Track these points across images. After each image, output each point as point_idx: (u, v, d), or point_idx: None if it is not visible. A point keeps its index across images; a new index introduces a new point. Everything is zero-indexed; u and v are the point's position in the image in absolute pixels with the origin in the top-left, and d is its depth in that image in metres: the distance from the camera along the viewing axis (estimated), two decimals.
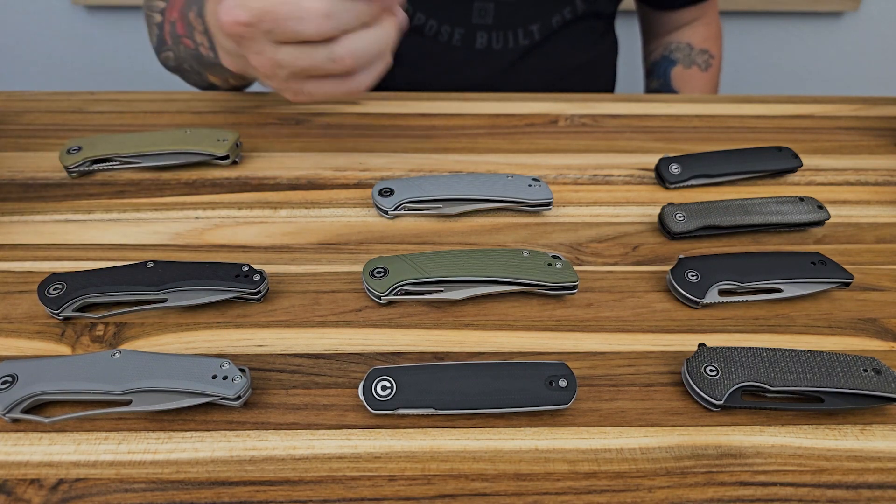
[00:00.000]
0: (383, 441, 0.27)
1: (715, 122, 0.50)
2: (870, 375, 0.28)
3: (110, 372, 0.27)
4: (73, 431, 0.27)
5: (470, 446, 0.27)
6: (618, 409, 0.29)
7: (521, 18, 0.56)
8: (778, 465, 0.27)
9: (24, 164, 0.43)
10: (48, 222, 0.38)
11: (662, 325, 0.33)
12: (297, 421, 0.28)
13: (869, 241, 0.39)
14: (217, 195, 0.41)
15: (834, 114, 0.52)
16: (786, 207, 0.38)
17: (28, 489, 0.25)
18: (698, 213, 0.38)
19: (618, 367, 0.31)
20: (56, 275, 0.32)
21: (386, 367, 0.28)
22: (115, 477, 0.25)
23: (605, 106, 0.52)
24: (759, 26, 1.07)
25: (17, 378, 0.27)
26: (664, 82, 0.64)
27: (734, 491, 0.26)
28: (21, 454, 0.26)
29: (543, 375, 0.28)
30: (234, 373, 0.27)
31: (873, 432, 0.28)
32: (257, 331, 0.32)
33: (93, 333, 0.31)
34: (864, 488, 0.26)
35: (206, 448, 0.27)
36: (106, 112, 0.49)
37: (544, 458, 0.27)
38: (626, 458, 0.27)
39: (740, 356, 0.29)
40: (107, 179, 0.42)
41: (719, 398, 0.28)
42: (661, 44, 0.65)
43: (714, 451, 0.27)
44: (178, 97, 0.51)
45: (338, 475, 0.26)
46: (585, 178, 0.44)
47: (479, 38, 0.56)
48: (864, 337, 0.33)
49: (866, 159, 0.46)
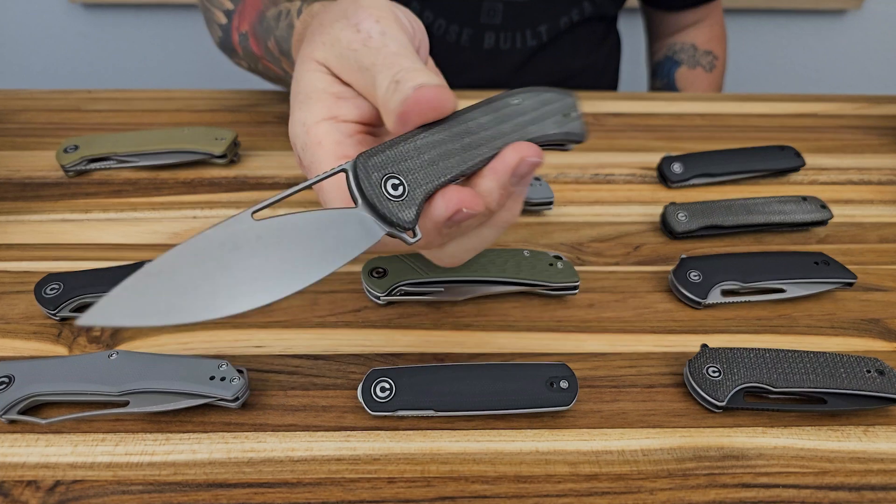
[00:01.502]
0: (382, 443, 0.27)
1: (717, 120, 0.50)
2: (873, 376, 0.28)
3: (107, 373, 0.27)
4: (70, 433, 0.27)
5: (470, 448, 0.27)
6: (619, 410, 0.28)
7: (529, 19, 0.56)
8: (780, 467, 0.26)
9: (21, 163, 0.42)
10: (45, 222, 0.38)
11: (664, 326, 0.33)
12: (295, 422, 0.27)
13: (872, 240, 0.39)
14: (215, 194, 0.40)
15: (837, 112, 0.52)
16: (788, 207, 0.38)
17: (25, 491, 0.25)
18: (701, 213, 0.38)
19: (619, 368, 0.30)
20: (53, 275, 0.32)
21: (385, 369, 0.28)
22: (112, 479, 0.25)
23: (607, 104, 0.51)
24: (761, 24, 1.07)
25: (14, 379, 0.27)
26: (668, 83, 0.64)
27: (736, 493, 0.25)
28: (18, 456, 0.26)
29: (544, 376, 0.28)
30: (231, 374, 0.27)
31: (876, 433, 0.28)
32: (255, 331, 0.31)
33: (90, 334, 0.31)
34: (867, 490, 0.26)
35: (203, 450, 0.26)
36: (103, 111, 0.48)
37: (545, 459, 0.26)
38: (627, 459, 0.27)
39: (743, 357, 0.29)
40: (104, 179, 0.41)
41: (722, 399, 0.28)
42: (665, 44, 0.65)
43: (716, 452, 0.27)
44: (176, 95, 0.51)
45: (336, 477, 0.26)
46: (587, 177, 0.43)
47: (487, 39, 0.56)
48: (867, 337, 0.33)
49: (869, 158, 0.46)
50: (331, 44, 0.24)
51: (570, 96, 0.25)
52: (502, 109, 0.23)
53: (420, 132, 0.21)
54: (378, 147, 0.21)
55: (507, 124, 0.23)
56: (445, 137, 0.22)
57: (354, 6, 0.24)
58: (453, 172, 0.21)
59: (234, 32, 0.43)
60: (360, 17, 0.24)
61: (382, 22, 0.23)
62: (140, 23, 1.03)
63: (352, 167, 0.20)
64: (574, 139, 0.25)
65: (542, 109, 0.24)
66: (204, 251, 0.19)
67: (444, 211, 0.21)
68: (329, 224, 0.20)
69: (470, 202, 0.21)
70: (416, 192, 0.21)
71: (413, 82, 0.21)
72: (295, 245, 0.19)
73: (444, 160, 0.21)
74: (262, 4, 0.40)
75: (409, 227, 0.20)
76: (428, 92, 0.21)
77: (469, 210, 0.21)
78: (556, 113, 0.24)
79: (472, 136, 0.22)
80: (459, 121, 0.22)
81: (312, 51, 0.24)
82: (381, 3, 0.25)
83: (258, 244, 0.19)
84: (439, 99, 0.21)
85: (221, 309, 0.18)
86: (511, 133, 0.23)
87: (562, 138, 0.24)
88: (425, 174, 0.21)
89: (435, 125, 0.22)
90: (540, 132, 0.24)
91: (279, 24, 0.37)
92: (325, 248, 0.20)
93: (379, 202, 0.20)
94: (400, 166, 0.21)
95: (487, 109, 0.23)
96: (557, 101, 0.25)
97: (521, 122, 0.24)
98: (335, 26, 0.24)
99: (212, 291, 0.18)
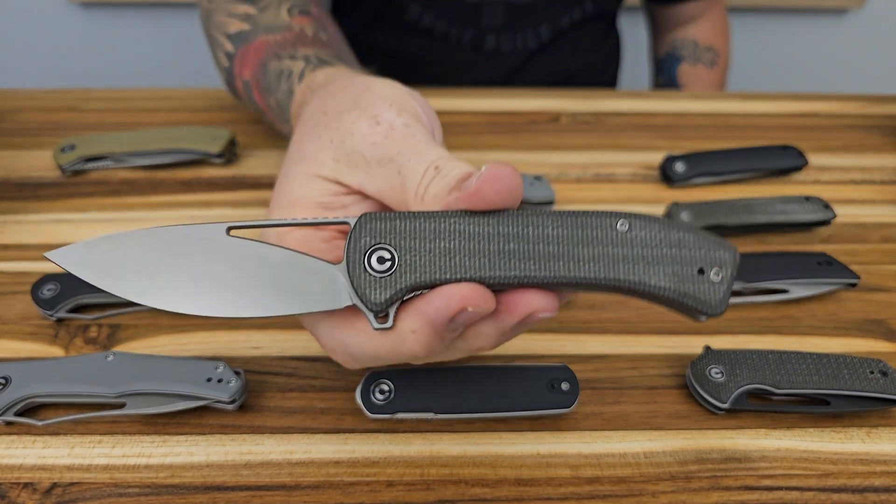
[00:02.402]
0: (381, 445, 0.27)
1: (719, 119, 0.50)
2: (876, 377, 0.28)
3: (104, 374, 0.27)
4: (66, 434, 0.27)
5: (470, 451, 0.27)
6: (621, 412, 0.28)
7: (530, 20, 0.56)
8: (783, 469, 0.26)
9: (18, 163, 0.42)
10: (42, 222, 0.38)
11: (667, 327, 0.32)
12: (293, 425, 0.27)
13: (875, 240, 0.39)
14: (212, 194, 0.40)
15: (839, 112, 0.51)
16: (791, 207, 0.38)
17: (21, 493, 0.25)
18: (703, 213, 0.37)
19: (621, 369, 0.30)
20: (50, 275, 0.32)
21: (384, 370, 0.28)
22: (109, 481, 0.25)
23: (608, 103, 0.51)
24: (763, 23, 1.06)
25: (10, 380, 0.27)
26: (670, 79, 0.63)
27: (739, 495, 0.25)
28: (14, 457, 0.26)
29: (545, 378, 0.27)
30: (228, 375, 0.27)
31: (879, 435, 0.28)
32: (253, 332, 0.31)
33: (86, 335, 0.31)
34: (870, 492, 0.25)
35: (201, 452, 0.26)
36: (100, 110, 0.48)
37: (546, 462, 0.26)
38: (629, 462, 0.26)
39: (745, 359, 0.28)
40: (101, 178, 0.41)
41: (724, 401, 0.27)
42: (667, 40, 0.65)
43: (718, 454, 0.27)
44: (173, 95, 0.50)
45: (335, 480, 0.25)
46: (588, 177, 0.43)
47: (489, 40, 0.56)
48: (870, 338, 0.32)
49: (872, 158, 0.46)
50: (340, 140, 0.22)
51: (728, 249, 0.18)
52: (591, 229, 0.18)
53: (451, 216, 0.18)
54: (392, 213, 0.18)
55: (590, 249, 0.17)
56: (484, 232, 0.18)
57: (368, 95, 0.23)
58: (468, 274, 0.17)
59: (236, 78, 0.39)
60: (378, 108, 0.22)
61: (404, 115, 0.22)
62: (138, 22, 1.03)
63: (354, 221, 0.18)
64: (702, 309, 0.17)
65: (664, 251, 0.17)
66: (170, 243, 0.19)
67: (444, 308, 0.17)
68: (302, 269, 0.18)
69: (476, 299, 0.17)
70: (404, 277, 0.17)
71: (458, 169, 0.19)
72: (259, 275, 0.18)
73: (466, 257, 0.17)
74: (265, 54, 0.36)
75: (375, 309, 0.18)
76: (503, 169, 0.17)
77: (475, 309, 0.17)
78: (688, 264, 0.17)
79: (521, 244, 0.17)
80: (517, 222, 0.18)
81: (317, 153, 0.22)
82: (396, 90, 0.23)
83: (223, 258, 0.18)
84: (515, 179, 0.17)
85: (159, 301, 0.18)
86: (590, 262, 0.17)
87: (680, 301, 0.17)
88: (430, 262, 0.17)
89: (478, 215, 0.18)
90: (645, 280, 0.17)
91: (280, 85, 0.34)
92: (288, 291, 0.18)
93: (352, 268, 0.18)
94: (401, 241, 0.18)
95: (566, 222, 0.18)
96: (698, 249, 0.17)
97: (614, 253, 0.17)
98: (345, 118, 0.22)
99: (162, 282, 0.18)
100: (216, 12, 0.40)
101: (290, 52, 0.35)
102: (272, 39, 0.37)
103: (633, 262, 0.17)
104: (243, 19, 0.39)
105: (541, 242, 0.17)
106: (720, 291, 0.17)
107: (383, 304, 0.18)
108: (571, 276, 0.17)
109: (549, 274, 0.17)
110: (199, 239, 0.19)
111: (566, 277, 0.17)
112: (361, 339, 0.19)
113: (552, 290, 0.18)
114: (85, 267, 0.18)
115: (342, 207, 0.22)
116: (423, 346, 0.18)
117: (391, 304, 0.18)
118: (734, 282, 0.17)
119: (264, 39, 0.37)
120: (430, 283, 0.17)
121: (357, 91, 0.24)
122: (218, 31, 0.40)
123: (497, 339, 0.19)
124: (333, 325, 0.20)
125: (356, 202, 0.22)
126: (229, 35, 0.39)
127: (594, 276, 0.17)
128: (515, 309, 0.18)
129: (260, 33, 0.37)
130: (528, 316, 0.18)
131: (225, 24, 0.39)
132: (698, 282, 0.17)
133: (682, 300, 0.17)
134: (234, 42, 0.39)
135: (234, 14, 0.39)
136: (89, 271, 0.18)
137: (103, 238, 0.19)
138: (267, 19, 0.38)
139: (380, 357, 0.19)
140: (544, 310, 0.18)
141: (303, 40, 0.36)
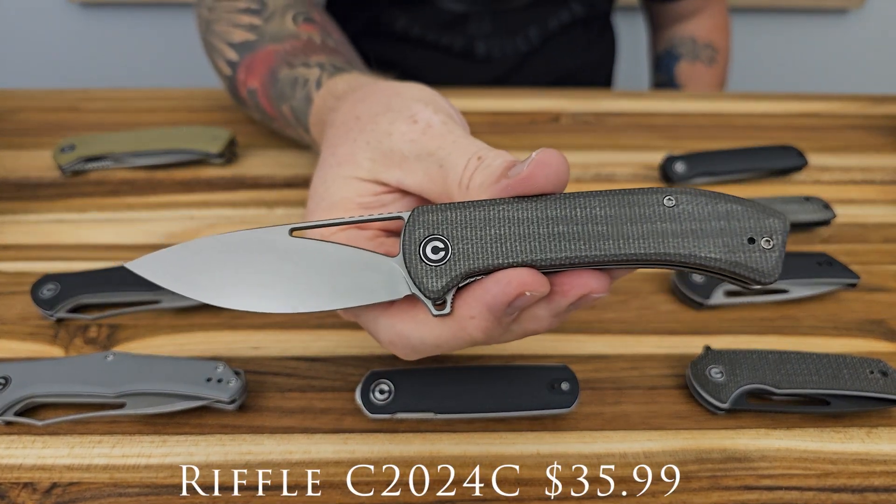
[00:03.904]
0: (381, 445, 0.27)
1: (719, 119, 0.50)
2: (876, 377, 0.28)
3: (104, 374, 0.27)
4: (66, 434, 0.27)
5: (470, 451, 0.26)
6: (621, 412, 0.28)
7: (518, 24, 0.56)
8: (783, 469, 0.26)
9: (18, 163, 0.42)
10: (42, 222, 0.38)
11: (667, 327, 0.32)
12: (293, 425, 0.27)
13: (875, 240, 0.38)
14: (212, 194, 0.40)
15: (840, 112, 0.51)
16: (791, 207, 0.38)
17: (21, 493, 0.25)
18: None
19: (621, 369, 0.30)
20: (50, 275, 0.32)
21: (384, 370, 0.28)
22: (108, 481, 0.25)
23: (609, 103, 0.51)
24: (763, 23, 1.06)
25: (10, 380, 0.27)
26: (669, 78, 0.63)
27: (739, 495, 0.25)
28: (14, 457, 0.26)
29: (545, 379, 0.27)
30: (228, 375, 0.27)
31: (879, 435, 0.28)
32: (252, 333, 0.31)
33: (86, 335, 0.31)
34: (869, 492, 0.25)
35: (200, 452, 0.26)
36: (100, 110, 0.48)
37: (546, 462, 0.26)
38: (629, 462, 0.26)
39: (746, 359, 0.28)
40: (101, 178, 0.41)
41: (724, 401, 0.27)
42: (665, 37, 0.65)
43: (719, 454, 0.27)
44: (173, 95, 0.50)
45: (335, 480, 0.25)
46: (588, 177, 0.43)
47: (479, 47, 0.57)
48: (870, 338, 0.32)
49: (873, 158, 0.46)
50: (377, 141, 0.23)
51: (777, 217, 0.18)
52: (638, 207, 0.18)
53: (500, 203, 0.18)
54: (443, 205, 0.19)
55: (638, 227, 0.17)
56: (533, 217, 0.18)
57: (400, 98, 0.23)
58: (520, 259, 0.18)
59: (241, 86, 0.39)
60: (414, 109, 0.23)
61: (440, 113, 0.23)
62: (137, 22, 1.03)
63: (408, 215, 0.19)
64: (755, 278, 0.18)
65: (712, 224, 0.18)
66: (236, 247, 0.20)
67: (502, 294, 0.17)
68: (361, 264, 0.20)
69: (532, 283, 0.17)
70: (458, 264, 0.18)
71: (501, 158, 0.19)
72: (321, 272, 0.20)
73: (517, 242, 0.18)
74: (275, 62, 0.36)
75: (433, 297, 0.18)
76: (553, 155, 0.18)
77: (532, 293, 0.17)
78: (738, 234, 0.18)
79: (570, 226, 0.18)
80: (564, 205, 0.18)
81: (352, 155, 0.23)
82: (426, 92, 0.24)
83: (287, 257, 0.20)
84: (564, 165, 0.18)
85: (230, 301, 0.19)
86: (639, 239, 0.17)
87: (732, 271, 0.17)
88: (482, 249, 0.18)
89: (525, 200, 0.18)
90: (695, 253, 0.17)
91: (295, 92, 0.34)
92: (350, 285, 0.19)
93: (409, 259, 0.18)
94: (453, 231, 0.18)
95: (612, 201, 0.18)
96: (748, 220, 0.18)
97: (663, 229, 0.17)
98: (381, 121, 0.23)
99: (231, 283, 0.20)
100: (217, 21, 0.40)
101: (303, 59, 0.35)
102: (280, 48, 0.37)
103: (682, 236, 0.18)
104: (248, 29, 0.38)
105: (589, 223, 0.18)
106: (772, 259, 0.18)
107: (440, 292, 0.18)
108: (622, 254, 0.18)
109: (599, 253, 0.18)
110: (263, 241, 0.20)
111: (616, 255, 0.18)
112: (423, 331, 0.20)
113: (603, 268, 0.18)
114: (162, 275, 0.20)
115: (381, 206, 0.23)
116: (483, 331, 0.19)
117: (447, 290, 0.18)
118: (784, 249, 0.18)
119: (272, 48, 0.37)
120: (483, 269, 0.18)
121: (387, 95, 0.24)
122: (219, 40, 0.40)
123: (550, 322, 0.20)
124: (394, 320, 0.21)
125: (395, 200, 0.23)
126: (232, 44, 0.39)
127: (644, 252, 0.18)
128: (570, 291, 0.18)
129: (267, 42, 0.38)
130: (581, 297, 0.18)
131: (227, 34, 0.39)
132: (749, 251, 0.18)
133: (734, 269, 0.18)
134: (238, 51, 0.39)
135: (238, 24, 0.39)
136: (166, 278, 0.20)
137: (177, 247, 0.20)
138: (273, 28, 0.38)
139: (440, 346, 0.20)
140: (598, 290, 0.18)
141: (313, 48, 0.36)
